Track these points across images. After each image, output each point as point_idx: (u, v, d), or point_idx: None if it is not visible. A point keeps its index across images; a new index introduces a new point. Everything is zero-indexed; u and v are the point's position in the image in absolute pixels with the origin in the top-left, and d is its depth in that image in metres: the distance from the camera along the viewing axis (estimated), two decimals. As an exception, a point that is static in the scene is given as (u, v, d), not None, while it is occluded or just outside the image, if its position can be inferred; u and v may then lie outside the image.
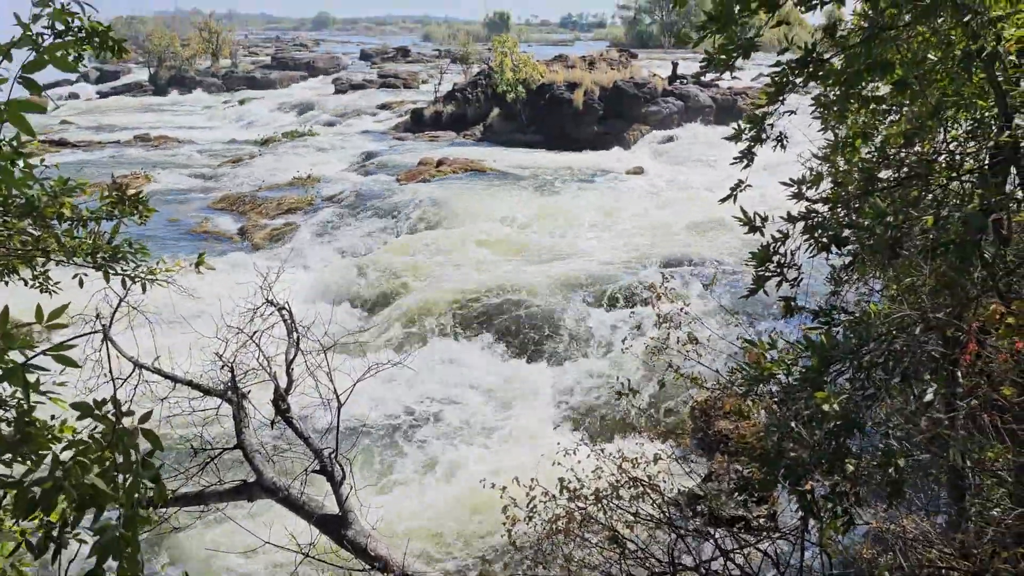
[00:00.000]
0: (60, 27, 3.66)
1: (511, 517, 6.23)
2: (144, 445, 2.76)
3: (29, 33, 2.88)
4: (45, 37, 3.06)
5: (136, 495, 2.68)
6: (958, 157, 4.65)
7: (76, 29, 3.87)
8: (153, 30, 65.52)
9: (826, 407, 3.15)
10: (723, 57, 3.95)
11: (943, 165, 4.52)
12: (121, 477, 2.70)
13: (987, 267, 3.71)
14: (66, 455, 2.69)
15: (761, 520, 7.84)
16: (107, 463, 2.68)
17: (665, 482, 6.29)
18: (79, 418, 2.78)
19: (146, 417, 2.91)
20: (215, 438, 7.05)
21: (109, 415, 2.77)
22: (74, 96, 55.61)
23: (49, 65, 2.60)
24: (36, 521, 2.71)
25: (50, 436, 2.76)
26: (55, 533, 2.64)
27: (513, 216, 20.13)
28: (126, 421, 2.80)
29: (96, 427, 2.82)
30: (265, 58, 78.41)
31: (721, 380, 6.20)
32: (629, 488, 6.05)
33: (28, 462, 2.77)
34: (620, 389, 6.44)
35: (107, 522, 2.58)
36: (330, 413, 6.40)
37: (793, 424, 3.39)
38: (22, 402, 2.77)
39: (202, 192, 25.99)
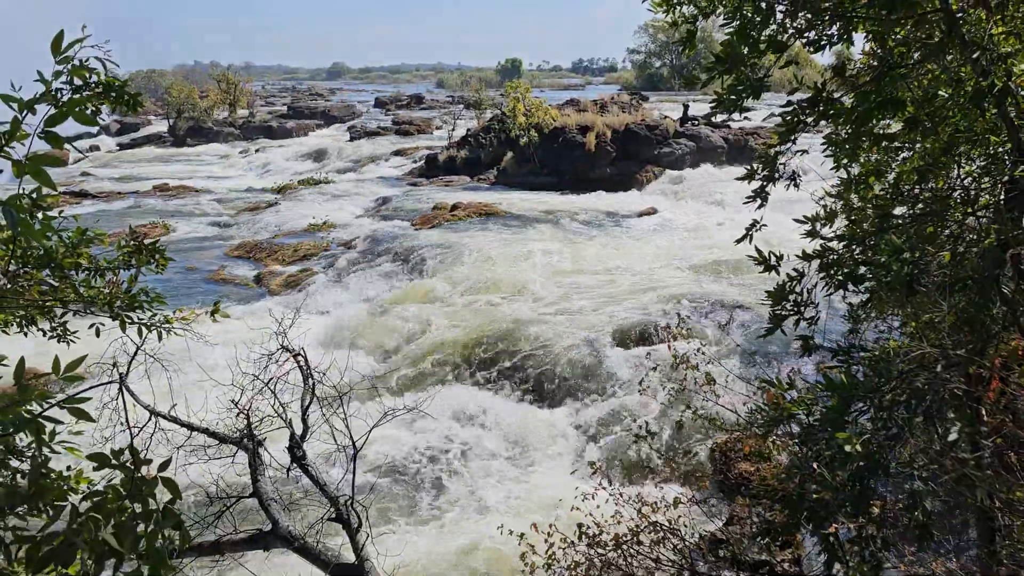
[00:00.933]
0: (78, 82, 3.74)
1: (530, 565, 6.13)
2: (163, 495, 2.76)
3: (50, 90, 2.94)
4: (63, 92, 3.12)
5: (157, 544, 2.66)
6: (973, 193, 4.63)
7: (93, 84, 3.95)
8: (172, 83, 66.84)
9: (848, 448, 3.10)
10: (732, 98, 3.97)
11: (958, 201, 4.50)
12: (141, 526, 2.69)
13: (1007, 303, 3.66)
14: (85, 506, 2.68)
15: (785, 565, 7.67)
16: (126, 513, 2.68)
17: (686, 526, 6.19)
18: (96, 469, 2.77)
19: (164, 465, 2.90)
20: (231, 486, 7.01)
21: (127, 464, 2.77)
22: (95, 148, 56.65)
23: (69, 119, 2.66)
24: (53, 575, 2.69)
25: (65, 487, 2.75)
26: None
27: (527, 259, 20.18)
28: (144, 470, 2.80)
29: (113, 477, 2.81)
30: (282, 108, 79.70)
31: (740, 421, 6.13)
32: (649, 533, 5.96)
33: (44, 515, 2.76)
34: (637, 432, 6.37)
35: (133, 570, 2.57)
36: (346, 460, 6.36)
37: (815, 465, 3.33)
38: (36, 454, 2.77)
39: (220, 240, 26.27)
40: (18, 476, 3.01)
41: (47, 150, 2.81)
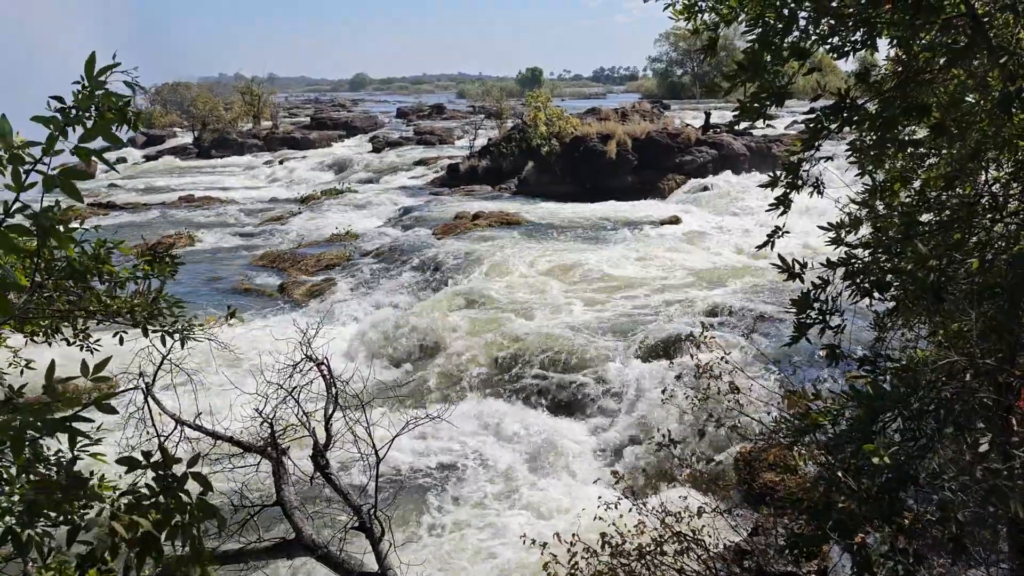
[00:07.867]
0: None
1: (552, 574, 6.10)
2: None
3: (81, 112, 2.99)
4: (80, 112, 3.18)
5: (195, 531, 2.76)
6: (1001, 199, 4.56)
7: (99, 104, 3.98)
8: (198, 95, 67.62)
9: (875, 459, 3.06)
10: (755, 105, 3.95)
11: (986, 207, 4.44)
12: (177, 517, 2.79)
13: (1038, 310, 3.60)
14: (121, 503, 2.79)
15: (812, 576, 7.56)
16: (161, 508, 2.78)
17: (710, 537, 6.13)
18: (127, 472, 2.84)
19: (194, 462, 2.97)
20: (255, 495, 7.05)
21: (158, 463, 2.87)
22: (122, 160, 56.88)
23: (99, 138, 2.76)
24: (94, 572, 2.77)
25: (89, 492, 2.81)
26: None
27: (549, 268, 20.17)
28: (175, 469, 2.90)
29: (139, 481, 2.88)
30: (305, 119, 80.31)
31: (765, 430, 6.07)
32: (673, 543, 5.90)
33: (76, 514, 2.83)
34: (660, 440, 6.33)
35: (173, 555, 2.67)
36: (368, 468, 6.37)
37: (841, 475, 3.29)
38: (63, 458, 2.84)
39: (244, 250, 26.50)
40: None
41: (74, 164, 2.88)
